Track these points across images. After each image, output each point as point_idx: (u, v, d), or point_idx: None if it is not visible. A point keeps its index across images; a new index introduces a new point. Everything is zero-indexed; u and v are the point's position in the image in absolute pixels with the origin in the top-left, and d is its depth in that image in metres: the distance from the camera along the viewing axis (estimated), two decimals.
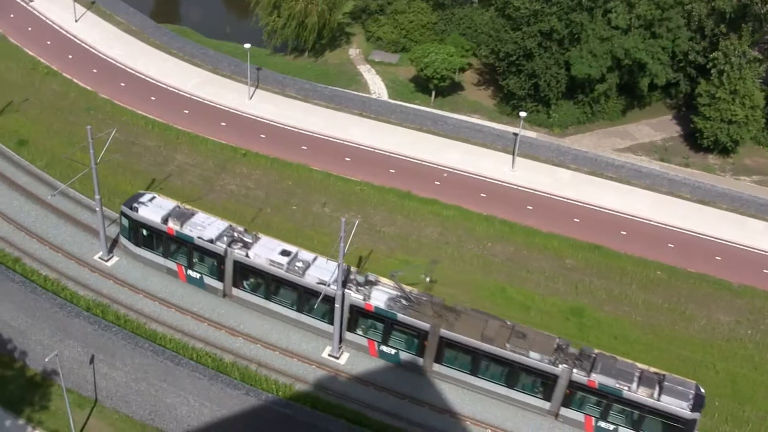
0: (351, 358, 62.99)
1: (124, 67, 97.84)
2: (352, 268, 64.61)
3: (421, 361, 62.07)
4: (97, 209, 66.43)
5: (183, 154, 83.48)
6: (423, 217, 76.99)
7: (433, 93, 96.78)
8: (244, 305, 66.32)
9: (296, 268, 63.18)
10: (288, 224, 74.73)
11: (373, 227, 74.97)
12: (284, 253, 64.08)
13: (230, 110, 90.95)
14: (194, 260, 67.11)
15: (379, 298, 61.68)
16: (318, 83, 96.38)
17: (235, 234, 65.81)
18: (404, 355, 62.55)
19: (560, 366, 57.53)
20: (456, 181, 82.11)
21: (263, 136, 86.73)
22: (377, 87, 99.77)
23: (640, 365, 57.83)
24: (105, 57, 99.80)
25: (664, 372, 57.30)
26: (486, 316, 61.03)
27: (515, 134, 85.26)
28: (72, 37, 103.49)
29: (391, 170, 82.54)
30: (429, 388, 61.49)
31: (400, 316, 60.78)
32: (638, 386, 56.04)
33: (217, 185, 79.64)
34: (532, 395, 59.52)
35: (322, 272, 62.80)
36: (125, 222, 68.77)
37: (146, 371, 58.64)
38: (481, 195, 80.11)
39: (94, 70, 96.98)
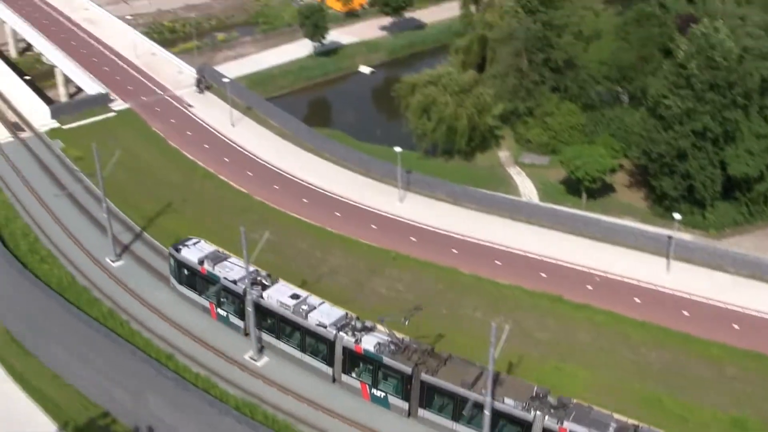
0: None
1: (277, 170, 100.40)
2: (352, 314, 68.66)
3: (406, 405, 64.25)
4: (249, 309, 67.85)
5: (334, 256, 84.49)
6: (575, 322, 75.44)
7: (584, 195, 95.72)
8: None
9: (301, 310, 68.21)
10: (437, 328, 74.21)
11: (524, 332, 73.74)
12: (294, 296, 69.65)
13: (381, 213, 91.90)
14: (221, 299, 73.45)
15: (370, 341, 65.30)
16: (468, 186, 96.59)
17: (259, 277, 71.55)
18: (392, 399, 65.05)
19: (533, 413, 58.32)
20: (609, 285, 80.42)
21: (413, 238, 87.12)
22: (527, 189, 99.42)
23: (617, 416, 57.77)
24: (260, 160, 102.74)
25: (639, 423, 56.65)
26: (470, 364, 62.96)
27: (669, 237, 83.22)
28: (229, 141, 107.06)
29: (542, 274, 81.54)
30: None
31: (386, 359, 63.88)
32: None
33: (367, 288, 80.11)
34: None
35: (323, 316, 67.50)
36: (171, 261, 76.79)
37: None
38: (635, 300, 78.14)
39: (249, 173, 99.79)
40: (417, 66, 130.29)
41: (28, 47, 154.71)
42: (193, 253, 75.07)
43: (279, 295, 69.65)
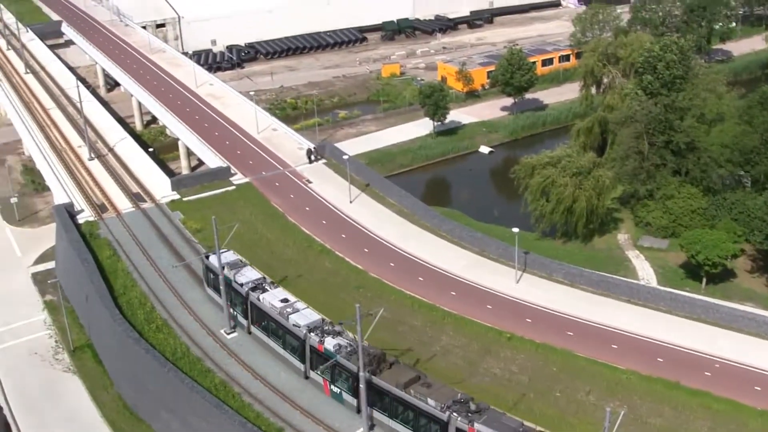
0: None
1: (394, 248, 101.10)
2: (327, 319, 78.68)
3: (356, 402, 72.15)
4: (362, 386, 68.35)
5: (448, 335, 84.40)
6: (692, 409, 73.44)
7: (704, 279, 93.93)
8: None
9: (285, 312, 79.21)
10: (551, 410, 73.34)
11: (638, 418, 72.24)
12: (283, 300, 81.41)
13: (496, 293, 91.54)
14: (233, 300, 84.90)
15: (331, 342, 74.35)
16: (585, 268, 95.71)
17: (265, 284, 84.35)
18: (345, 396, 73.39)
19: (448, 413, 65.51)
20: (728, 372, 78.18)
21: (529, 320, 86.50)
22: (646, 273, 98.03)
23: (528, 423, 63.48)
24: (376, 237, 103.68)
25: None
26: (412, 369, 72.26)
27: None
28: (346, 217, 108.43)
29: (659, 359, 79.86)
30: None
31: (339, 358, 72.49)
32: None
33: (480, 368, 79.69)
34: None
35: (300, 318, 78.01)
36: (203, 267, 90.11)
37: None
38: (756, 388, 75.77)
39: (366, 250, 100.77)
40: (536, 147, 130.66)
41: (153, 120, 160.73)
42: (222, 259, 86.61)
43: (272, 299, 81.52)
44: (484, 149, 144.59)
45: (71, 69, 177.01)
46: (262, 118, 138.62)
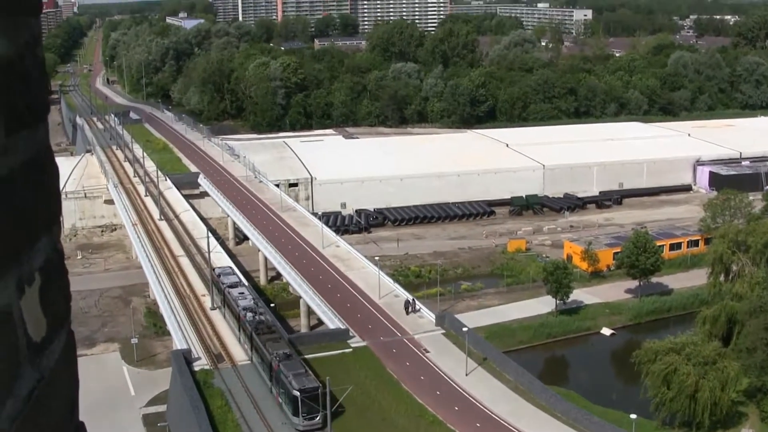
0: None
1: (507, 425, 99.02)
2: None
3: None
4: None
5: None
6: None
7: None
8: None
9: (235, 296, 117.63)
10: None
11: None
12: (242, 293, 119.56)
13: None
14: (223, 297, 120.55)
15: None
16: None
17: (241, 289, 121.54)
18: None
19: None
20: None
21: None
22: None
23: None
24: (489, 412, 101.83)
25: None
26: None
27: None
28: (461, 390, 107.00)
29: None
30: None
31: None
32: None
33: None
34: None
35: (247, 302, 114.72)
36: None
37: None
38: None
39: (477, 424, 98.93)
40: (660, 332, 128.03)
41: (277, 276, 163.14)
42: (220, 272, 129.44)
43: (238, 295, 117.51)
44: (606, 331, 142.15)
45: (203, 219, 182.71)
46: (385, 284, 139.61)
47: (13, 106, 3.70)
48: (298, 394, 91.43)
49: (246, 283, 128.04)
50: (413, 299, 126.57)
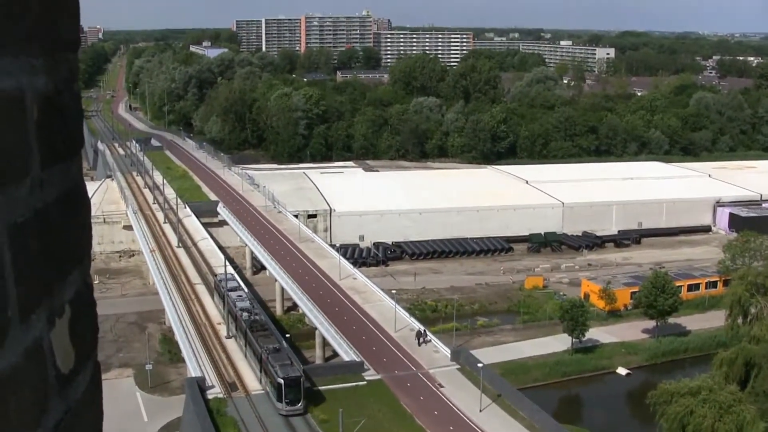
0: None
1: None
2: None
3: None
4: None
5: None
6: None
7: None
8: None
9: (234, 298, 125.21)
10: None
11: None
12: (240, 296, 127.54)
13: None
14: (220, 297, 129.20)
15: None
16: None
17: (240, 292, 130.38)
18: None
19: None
20: None
21: None
22: None
23: None
24: None
25: None
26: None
27: None
28: (474, 426, 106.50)
29: None
30: None
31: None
32: None
33: None
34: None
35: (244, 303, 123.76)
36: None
37: None
38: None
39: None
40: (676, 374, 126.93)
41: (293, 306, 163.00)
42: (223, 278, 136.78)
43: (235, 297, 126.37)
44: (622, 371, 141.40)
45: (221, 248, 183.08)
46: (401, 317, 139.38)
47: (51, 140, 3.75)
48: (282, 381, 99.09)
49: (245, 289, 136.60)
50: (424, 330, 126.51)
